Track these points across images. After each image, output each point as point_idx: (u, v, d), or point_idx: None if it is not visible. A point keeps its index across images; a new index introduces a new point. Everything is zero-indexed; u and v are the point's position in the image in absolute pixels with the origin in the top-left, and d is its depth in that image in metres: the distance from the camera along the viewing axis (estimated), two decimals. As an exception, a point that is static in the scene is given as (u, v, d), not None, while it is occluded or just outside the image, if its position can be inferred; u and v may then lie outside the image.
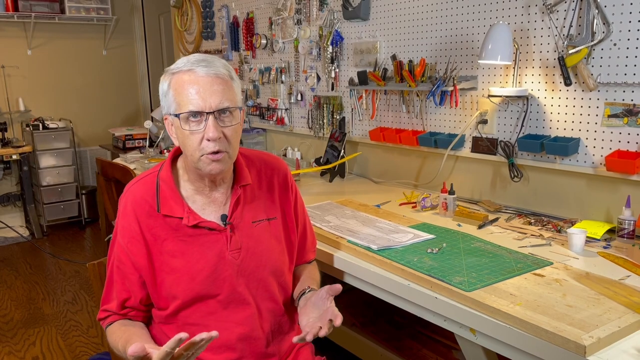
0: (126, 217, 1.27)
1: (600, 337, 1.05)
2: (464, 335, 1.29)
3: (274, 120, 3.31)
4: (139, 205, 1.26)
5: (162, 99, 1.23)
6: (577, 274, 1.36)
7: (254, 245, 1.31)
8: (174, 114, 1.19)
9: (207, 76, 1.17)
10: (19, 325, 3.06)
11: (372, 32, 2.56)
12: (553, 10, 1.81)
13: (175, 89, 1.18)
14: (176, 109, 1.18)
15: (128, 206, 1.27)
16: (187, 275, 1.26)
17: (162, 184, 1.28)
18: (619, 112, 1.69)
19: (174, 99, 1.19)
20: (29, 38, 4.89)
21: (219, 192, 1.30)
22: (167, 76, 1.21)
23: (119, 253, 1.28)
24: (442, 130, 2.29)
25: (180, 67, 1.19)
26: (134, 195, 1.28)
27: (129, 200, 1.28)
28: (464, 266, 1.42)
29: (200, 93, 1.16)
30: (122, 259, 1.27)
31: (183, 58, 1.22)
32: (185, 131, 1.18)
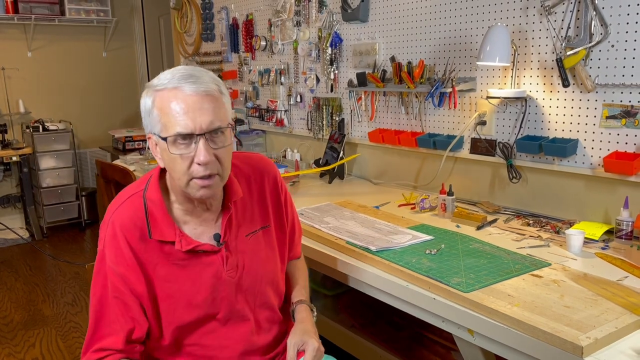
0: (116, 244, 1.15)
1: (597, 338, 1.05)
2: (462, 336, 1.29)
3: (274, 121, 3.32)
4: (128, 230, 1.15)
5: (144, 116, 1.13)
6: (575, 275, 1.37)
7: (250, 260, 1.27)
8: (158, 135, 1.10)
9: (195, 94, 1.07)
10: (18, 326, 3.06)
11: (371, 33, 2.56)
12: (551, 12, 1.81)
13: (161, 109, 1.08)
14: (161, 130, 1.09)
15: (117, 231, 1.15)
16: (184, 300, 1.20)
17: (151, 205, 1.17)
18: (617, 114, 1.70)
19: (158, 119, 1.09)
20: (29, 40, 4.90)
21: (211, 211, 1.23)
22: (149, 92, 1.11)
23: (114, 282, 1.15)
24: (440, 131, 2.29)
25: (164, 84, 1.08)
26: (121, 218, 1.16)
27: (116, 224, 1.16)
28: (463, 267, 1.43)
29: (189, 113, 1.06)
30: (120, 288, 1.16)
31: (167, 72, 1.11)
32: (173, 155, 1.08)
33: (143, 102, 1.13)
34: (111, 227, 1.17)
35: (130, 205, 1.18)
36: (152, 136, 1.14)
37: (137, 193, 1.20)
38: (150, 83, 1.13)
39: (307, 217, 1.94)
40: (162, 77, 1.11)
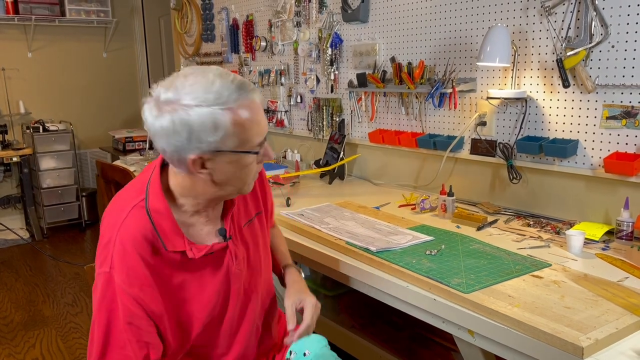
0: (128, 263, 1.07)
1: (598, 339, 1.05)
2: (463, 336, 1.29)
3: (274, 122, 3.32)
4: (140, 245, 1.08)
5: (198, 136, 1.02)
6: (575, 276, 1.37)
7: (252, 251, 1.29)
8: (237, 150, 1.06)
9: (259, 101, 1.09)
10: (18, 327, 3.06)
11: (371, 34, 2.56)
12: (551, 13, 1.81)
13: (241, 124, 1.04)
14: (239, 145, 1.05)
15: (127, 248, 1.07)
16: (201, 303, 1.18)
17: (157, 216, 1.11)
18: (618, 114, 1.70)
19: (238, 134, 1.04)
20: (29, 41, 4.90)
21: (216, 209, 1.22)
22: (219, 109, 1.01)
23: (127, 306, 1.07)
24: (441, 132, 2.29)
25: (236, 98, 1.03)
26: (130, 234, 1.08)
27: (126, 241, 1.07)
28: (463, 268, 1.42)
29: (262, 119, 1.09)
30: (135, 312, 1.07)
31: (217, 84, 1.03)
32: (251, 162, 1.10)
33: (208, 119, 1.01)
34: (119, 245, 1.07)
35: (134, 219, 1.09)
36: (205, 155, 1.05)
37: (137, 205, 1.11)
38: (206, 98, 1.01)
39: (307, 217, 1.94)
40: (215, 91, 1.02)
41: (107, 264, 1.07)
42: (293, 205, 2.15)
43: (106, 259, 1.08)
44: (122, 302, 1.07)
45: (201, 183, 1.11)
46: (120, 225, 1.09)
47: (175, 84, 1.04)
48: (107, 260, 1.07)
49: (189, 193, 1.14)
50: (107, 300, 1.07)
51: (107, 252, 1.08)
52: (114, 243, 1.08)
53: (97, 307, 1.08)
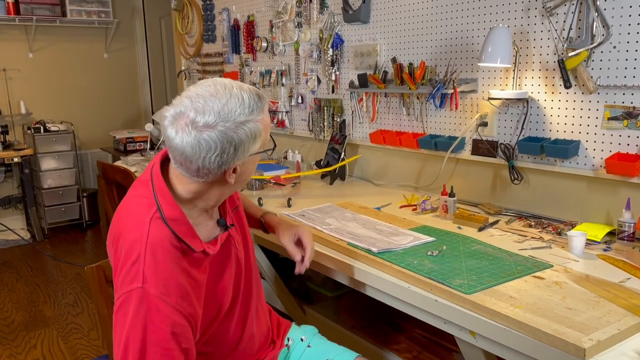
0: (164, 271, 1.08)
1: (599, 340, 1.05)
2: (464, 337, 1.29)
3: (275, 122, 3.32)
4: (171, 253, 1.10)
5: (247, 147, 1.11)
6: (577, 277, 1.36)
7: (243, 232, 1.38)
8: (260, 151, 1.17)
9: None
10: (20, 327, 3.06)
11: (372, 35, 2.56)
12: (553, 13, 1.81)
13: (267, 127, 1.16)
14: (262, 146, 1.17)
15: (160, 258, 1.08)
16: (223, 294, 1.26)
17: (174, 224, 1.13)
18: (619, 115, 1.69)
19: (262, 138, 1.15)
20: (31, 41, 4.90)
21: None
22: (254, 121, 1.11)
23: (169, 316, 1.07)
24: (442, 132, 2.29)
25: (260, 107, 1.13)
26: (159, 244, 1.09)
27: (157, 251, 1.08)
28: (464, 269, 1.42)
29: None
30: (177, 321, 1.08)
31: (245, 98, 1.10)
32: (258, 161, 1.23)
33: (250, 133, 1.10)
34: (150, 258, 1.07)
35: (157, 231, 1.10)
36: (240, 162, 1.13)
37: (154, 217, 1.12)
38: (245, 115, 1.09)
39: (308, 218, 1.94)
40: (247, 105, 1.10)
41: (139, 280, 1.06)
42: (294, 205, 2.15)
43: (137, 275, 1.06)
44: (163, 313, 1.06)
45: (219, 187, 1.17)
46: (147, 239, 1.08)
47: (209, 107, 1.07)
48: (138, 276, 1.06)
49: (201, 197, 1.18)
50: (142, 315, 1.05)
51: (137, 269, 1.06)
52: (144, 258, 1.07)
53: (131, 324, 1.05)
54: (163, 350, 1.06)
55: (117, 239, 1.13)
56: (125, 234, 1.11)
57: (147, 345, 1.04)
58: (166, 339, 1.06)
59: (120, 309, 1.07)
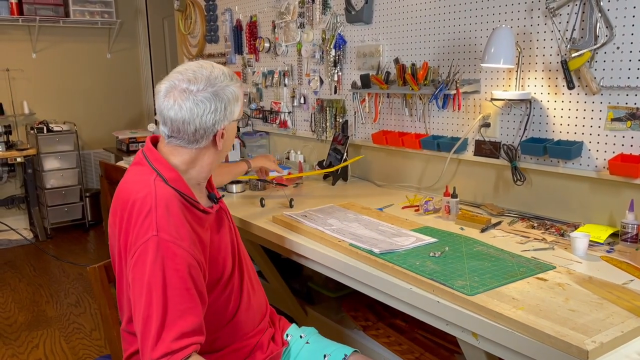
0: (175, 220, 1.17)
1: (603, 342, 1.04)
2: (466, 339, 1.29)
3: (277, 123, 3.32)
4: (178, 206, 1.20)
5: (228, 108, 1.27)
6: (580, 278, 1.36)
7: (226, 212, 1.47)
8: (235, 118, 1.31)
9: None
10: (22, 327, 3.07)
11: (375, 35, 2.56)
12: (556, 14, 1.81)
13: (242, 96, 1.33)
14: (239, 114, 1.32)
15: (171, 209, 1.17)
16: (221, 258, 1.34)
17: (175, 183, 1.24)
18: (622, 116, 1.69)
19: (240, 103, 1.31)
20: (34, 41, 4.92)
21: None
22: (236, 85, 1.29)
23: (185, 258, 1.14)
24: (444, 133, 2.28)
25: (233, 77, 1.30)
26: (167, 198, 1.19)
27: (168, 203, 1.18)
28: (467, 270, 1.42)
29: None
30: (191, 263, 1.16)
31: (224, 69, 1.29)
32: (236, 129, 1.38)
33: (233, 93, 1.28)
34: (162, 209, 1.16)
35: (162, 188, 1.21)
36: (227, 125, 1.30)
37: (156, 178, 1.23)
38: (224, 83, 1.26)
39: (310, 218, 1.94)
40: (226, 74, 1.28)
41: (153, 229, 1.14)
42: (296, 206, 2.15)
43: (150, 225, 1.14)
44: (179, 255, 1.14)
45: (212, 155, 1.31)
46: (155, 194, 1.19)
47: (199, 76, 1.24)
48: (151, 226, 1.14)
49: (193, 167, 1.30)
50: (160, 260, 1.12)
51: (150, 220, 1.15)
52: (156, 209, 1.16)
53: (151, 269, 1.11)
54: (183, 290, 1.12)
55: (126, 203, 1.20)
56: (135, 195, 1.20)
57: (168, 287, 1.10)
58: (184, 279, 1.13)
59: (138, 260, 1.13)
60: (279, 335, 1.55)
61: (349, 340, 2.10)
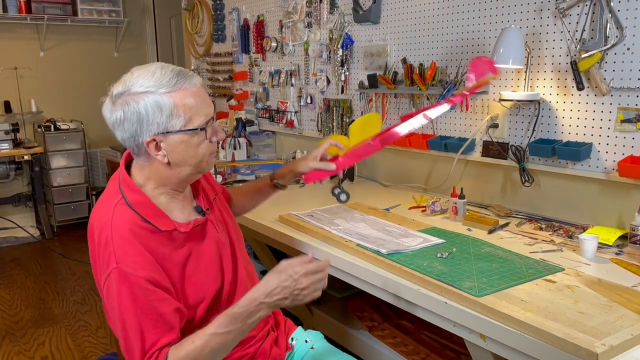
0: (130, 250, 1.14)
1: (612, 345, 1.03)
2: (474, 341, 1.28)
3: (284, 122, 3.31)
4: (134, 233, 1.16)
5: (148, 120, 1.15)
6: (589, 281, 1.35)
7: (227, 217, 1.43)
8: (184, 129, 1.18)
9: (201, 86, 1.22)
10: (28, 324, 3.08)
11: (382, 35, 2.55)
12: (566, 14, 1.79)
13: (184, 105, 1.17)
14: (186, 125, 1.18)
15: (126, 237, 1.15)
16: (204, 274, 1.27)
17: (138, 206, 1.20)
18: (632, 117, 1.67)
19: (183, 115, 1.17)
20: (42, 40, 4.94)
21: (185, 192, 1.34)
22: (162, 94, 1.15)
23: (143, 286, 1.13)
24: (452, 134, 2.28)
25: (174, 84, 1.16)
26: (123, 226, 1.16)
27: (122, 232, 1.15)
28: (474, 271, 1.41)
29: (207, 101, 1.22)
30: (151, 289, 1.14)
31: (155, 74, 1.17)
32: (200, 141, 1.21)
33: (151, 105, 1.15)
34: (117, 240, 1.14)
35: (120, 214, 1.18)
36: (158, 137, 1.18)
37: (118, 203, 1.20)
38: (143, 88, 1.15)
39: (317, 218, 1.94)
40: (158, 79, 1.16)
41: (113, 261, 1.13)
42: (301, 205, 2.13)
43: (110, 257, 1.13)
44: (139, 286, 1.13)
45: (163, 167, 1.22)
46: (111, 223, 1.16)
47: (123, 79, 1.19)
48: (111, 258, 1.13)
49: (156, 181, 1.25)
50: (125, 293, 1.12)
51: (109, 251, 1.14)
52: (112, 239, 1.14)
53: (119, 303, 1.13)
54: (155, 317, 1.13)
55: (91, 229, 1.22)
56: (96, 223, 1.20)
57: (140, 317, 1.12)
58: (153, 307, 1.13)
59: (107, 294, 1.15)
60: (282, 338, 1.53)
61: (354, 341, 2.09)
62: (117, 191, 1.22)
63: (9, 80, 4.82)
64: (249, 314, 1.15)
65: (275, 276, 1.17)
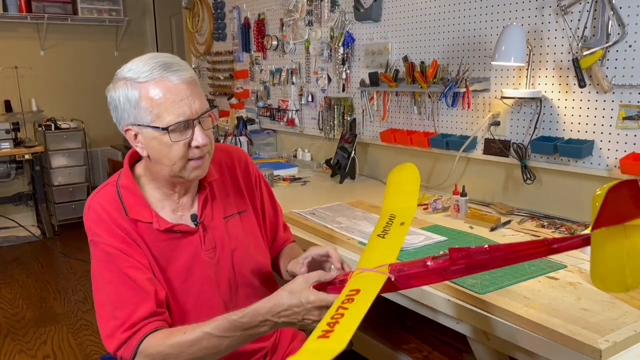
0: (105, 224, 1.16)
1: (616, 341, 1.03)
2: (477, 338, 1.28)
3: (285, 121, 3.32)
4: (108, 212, 1.17)
5: (123, 108, 1.14)
6: (591, 278, 1.35)
7: (229, 242, 1.29)
8: (151, 126, 1.12)
9: (183, 82, 1.12)
10: (30, 323, 3.08)
11: (383, 33, 2.55)
12: (567, 12, 1.79)
13: (151, 100, 1.10)
14: (153, 121, 1.11)
15: (101, 215, 1.17)
16: (163, 281, 1.20)
17: (123, 190, 1.21)
18: (634, 114, 1.67)
19: (149, 110, 1.11)
20: (42, 39, 4.94)
21: (188, 195, 1.27)
22: (131, 84, 1.11)
23: (119, 255, 1.14)
24: (453, 131, 2.28)
25: (147, 76, 1.11)
26: (99, 203, 1.19)
27: (97, 208, 1.18)
28: (477, 268, 1.41)
29: (184, 101, 1.11)
30: (125, 258, 1.15)
31: (140, 62, 1.13)
32: (171, 142, 1.12)
33: (123, 94, 1.13)
34: (93, 212, 1.18)
35: (104, 193, 1.22)
36: (133, 127, 1.15)
37: (109, 183, 1.24)
38: (125, 75, 1.13)
39: (319, 216, 1.94)
40: (138, 68, 1.12)
41: (91, 233, 1.18)
42: (303, 204, 2.13)
43: (89, 230, 1.19)
44: (114, 255, 1.15)
45: (147, 161, 1.20)
46: (92, 199, 1.22)
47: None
48: (90, 231, 1.19)
49: (149, 174, 1.24)
50: (102, 263, 1.16)
51: (88, 225, 1.19)
52: (90, 215, 1.19)
53: (94, 270, 1.18)
54: (130, 284, 1.13)
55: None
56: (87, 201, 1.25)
57: (110, 283, 1.13)
58: (126, 274, 1.13)
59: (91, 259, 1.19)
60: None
61: (358, 340, 2.10)
62: (117, 175, 1.26)
63: (10, 80, 4.82)
64: (251, 326, 1.06)
65: (287, 296, 1.04)
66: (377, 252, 1.15)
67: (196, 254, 1.24)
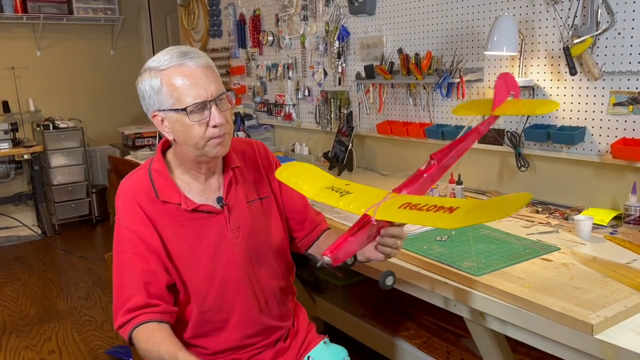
0: (129, 206, 1.28)
1: (607, 317, 1.08)
2: (474, 319, 1.32)
3: (282, 116, 3.35)
4: (136, 194, 1.29)
5: (150, 96, 1.24)
6: (584, 258, 1.39)
7: (252, 223, 1.37)
8: (172, 109, 1.22)
9: (199, 67, 1.22)
10: (34, 320, 3.12)
11: (378, 26, 2.59)
12: (558, 1, 1.83)
13: (171, 85, 1.21)
14: (174, 104, 1.21)
15: (128, 196, 1.29)
16: (191, 260, 1.29)
17: (155, 174, 1.31)
18: (624, 101, 1.71)
19: (170, 94, 1.21)
20: (38, 39, 4.95)
21: (214, 179, 1.35)
22: (154, 73, 1.22)
23: (131, 239, 1.26)
24: (449, 122, 2.31)
25: (167, 64, 1.21)
26: (130, 185, 1.31)
27: (126, 191, 1.31)
28: (473, 252, 1.45)
29: (200, 84, 1.21)
30: (137, 243, 1.26)
31: (162, 54, 1.24)
32: (192, 122, 1.21)
33: (148, 83, 1.23)
34: (123, 194, 1.31)
35: (137, 176, 1.33)
36: (159, 113, 1.25)
37: (143, 168, 1.35)
38: (149, 66, 1.24)
39: (318, 207, 1.97)
40: (159, 58, 1.23)
41: (118, 212, 1.30)
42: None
43: (117, 209, 1.31)
44: (127, 237, 1.27)
45: (175, 145, 1.30)
46: (125, 180, 1.34)
47: None
48: (117, 210, 1.31)
49: (177, 159, 1.33)
50: (118, 240, 1.29)
51: (116, 204, 1.31)
52: (119, 195, 1.31)
53: (114, 251, 1.29)
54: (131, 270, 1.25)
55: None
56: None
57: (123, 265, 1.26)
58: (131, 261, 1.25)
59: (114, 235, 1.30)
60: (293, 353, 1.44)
61: (358, 328, 2.14)
62: (149, 160, 1.37)
63: (7, 80, 4.84)
64: None
65: None
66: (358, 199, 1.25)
67: (222, 233, 1.32)
